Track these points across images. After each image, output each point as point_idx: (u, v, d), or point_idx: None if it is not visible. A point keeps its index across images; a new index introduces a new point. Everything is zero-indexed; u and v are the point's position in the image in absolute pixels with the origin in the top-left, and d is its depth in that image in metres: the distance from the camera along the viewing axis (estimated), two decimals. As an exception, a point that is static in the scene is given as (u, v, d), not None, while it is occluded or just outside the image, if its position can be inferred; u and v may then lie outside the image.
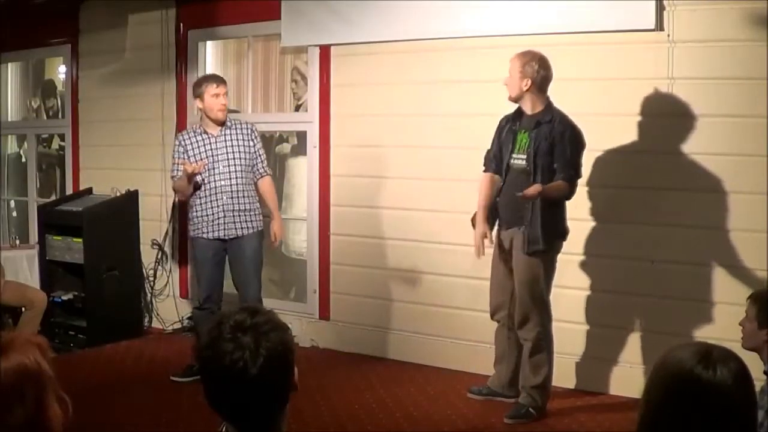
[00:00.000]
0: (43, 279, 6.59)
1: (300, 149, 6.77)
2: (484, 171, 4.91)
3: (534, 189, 4.49)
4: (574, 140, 4.64)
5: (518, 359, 4.86)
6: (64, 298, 6.43)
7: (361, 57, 5.98)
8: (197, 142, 5.41)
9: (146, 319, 6.97)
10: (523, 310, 4.73)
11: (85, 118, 7.43)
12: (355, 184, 6.01)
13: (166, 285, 6.98)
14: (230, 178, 5.39)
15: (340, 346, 6.17)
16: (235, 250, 5.43)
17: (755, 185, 4.66)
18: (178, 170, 5.38)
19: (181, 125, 6.88)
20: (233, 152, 5.40)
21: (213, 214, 5.37)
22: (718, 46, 4.74)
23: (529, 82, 4.64)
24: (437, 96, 5.65)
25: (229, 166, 5.39)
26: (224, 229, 5.38)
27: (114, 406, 4.97)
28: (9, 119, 8.25)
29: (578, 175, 4.69)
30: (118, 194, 6.71)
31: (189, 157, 5.34)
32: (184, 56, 6.85)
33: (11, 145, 8.54)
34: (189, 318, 6.80)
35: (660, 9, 4.82)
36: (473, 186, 5.24)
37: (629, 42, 4.94)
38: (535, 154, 4.62)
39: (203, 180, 5.35)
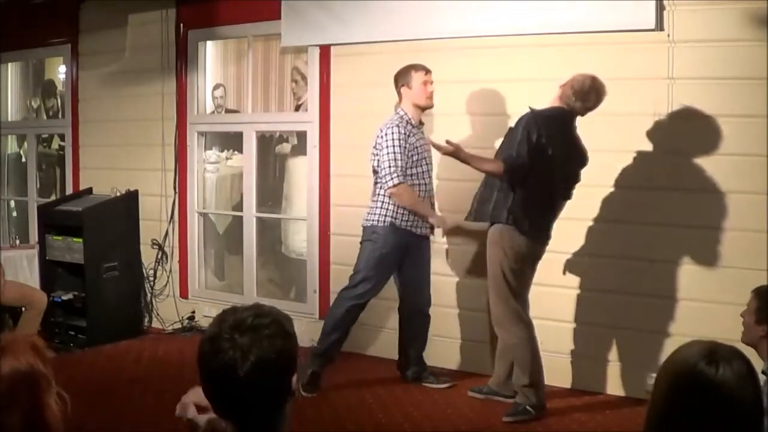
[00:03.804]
0: (43, 279, 6.58)
1: (300, 149, 6.77)
2: None
3: (448, 143, 4.67)
4: (526, 126, 4.57)
5: (514, 358, 4.88)
6: (64, 298, 6.43)
7: (361, 57, 5.98)
8: (415, 138, 5.11)
9: (146, 319, 6.97)
10: (493, 309, 4.76)
11: (85, 118, 7.43)
12: (355, 184, 6.00)
13: (166, 285, 6.99)
14: (431, 175, 5.26)
15: (340, 346, 6.16)
16: (419, 249, 5.22)
17: (755, 185, 4.66)
18: (407, 177, 5.05)
19: (181, 125, 6.88)
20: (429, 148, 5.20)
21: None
22: (718, 46, 4.75)
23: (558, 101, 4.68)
24: (437, 96, 5.64)
25: (431, 162, 5.23)
26: (427, 226, 5.19)
27: (114, 406, 4.97)
28: (9, 119, 8.26)
29: (520, 158, 4.53)
30: (118, 194, 6.71)
31: (413, 155, 5.07)
32: (184, 56, 6.85)
33: (11, 145, 8.55)
34: (189, 318, 6.81)
35: (660, 9, 4.82)
36: (473, 186, 5.22)
37: (629, 42, 4.94)
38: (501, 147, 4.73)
39: (419, 174, 5.13)
